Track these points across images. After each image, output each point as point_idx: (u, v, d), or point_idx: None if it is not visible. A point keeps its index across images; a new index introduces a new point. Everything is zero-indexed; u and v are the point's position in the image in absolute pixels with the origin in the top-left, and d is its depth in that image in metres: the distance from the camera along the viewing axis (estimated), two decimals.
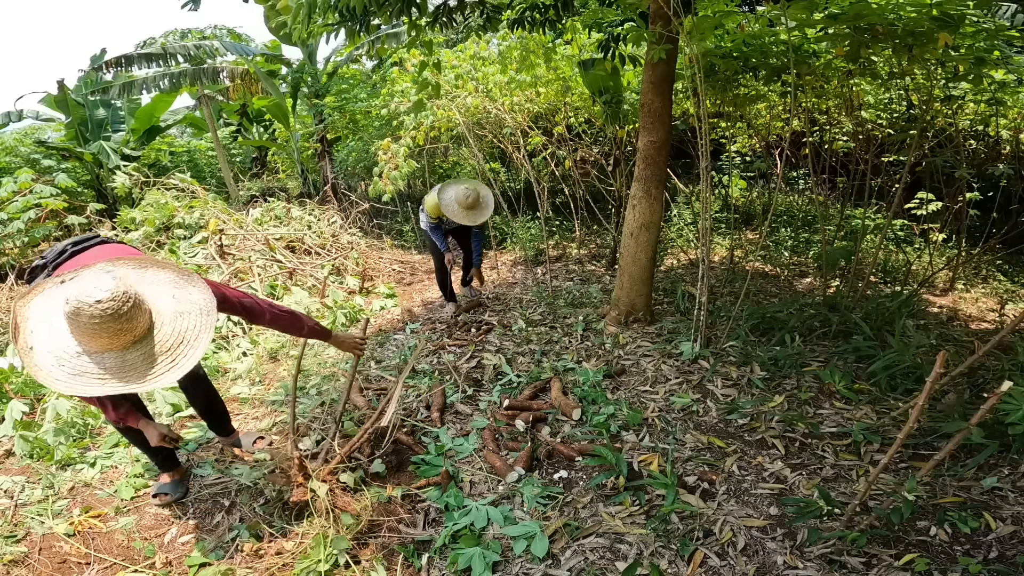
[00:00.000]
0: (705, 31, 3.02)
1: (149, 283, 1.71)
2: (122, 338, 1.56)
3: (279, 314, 2.16)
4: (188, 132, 12.77)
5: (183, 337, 1.65)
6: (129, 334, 1.57)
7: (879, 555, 1.87)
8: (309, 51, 8.73)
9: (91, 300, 1.49)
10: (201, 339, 1.67)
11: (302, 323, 2.22)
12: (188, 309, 1.70)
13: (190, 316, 1.69)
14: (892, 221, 5.31)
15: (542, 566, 1.92)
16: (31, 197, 5.68)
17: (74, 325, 1.53)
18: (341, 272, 5.51)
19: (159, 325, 1.64)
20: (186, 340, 1.66)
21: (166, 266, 1.78)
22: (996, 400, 1.65)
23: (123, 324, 1.54)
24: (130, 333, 1.57)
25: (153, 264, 1.77)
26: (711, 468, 2.41)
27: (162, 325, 1.64)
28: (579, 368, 3.35)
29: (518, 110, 5.49)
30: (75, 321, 1.51)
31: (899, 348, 3.03)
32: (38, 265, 2.05)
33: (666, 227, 6.44)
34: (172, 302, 1.70)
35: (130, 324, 1.55)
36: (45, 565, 1.99)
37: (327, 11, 3.06)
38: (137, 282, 1.68)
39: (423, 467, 2.48)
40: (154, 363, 1.60)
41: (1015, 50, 3.20)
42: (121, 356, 1.57)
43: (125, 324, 1.54)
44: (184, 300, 1.71)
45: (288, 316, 2.19)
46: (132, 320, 1.56)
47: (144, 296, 1.63)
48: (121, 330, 1.54)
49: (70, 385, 1.54)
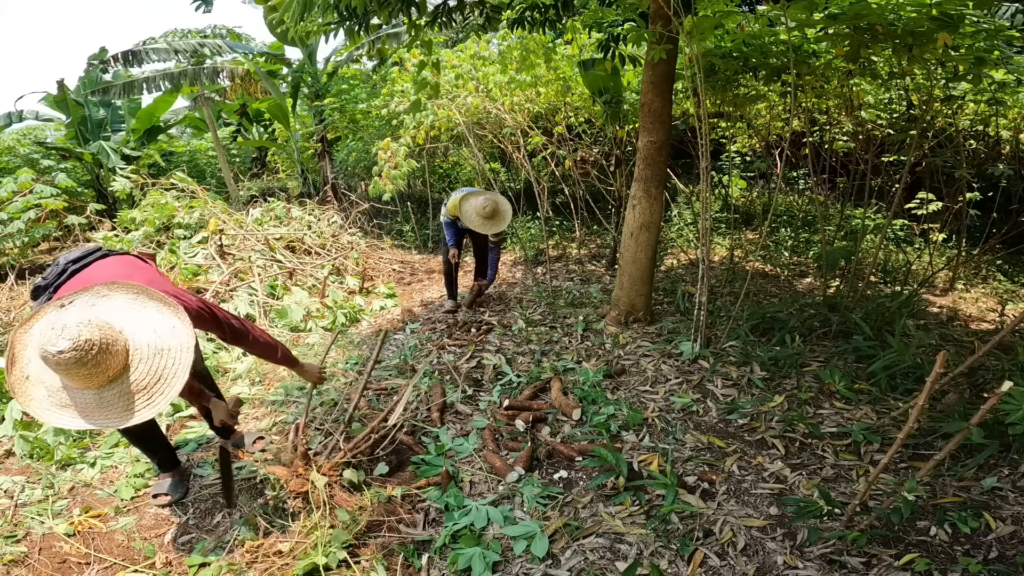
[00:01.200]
0: (705, 31, 3.02)
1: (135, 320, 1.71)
2: (95, 379, 1.58)
3: (260, 339, 2.21)
4: (188, 132, 12.77)
5: (160, 375, 1.67)
6: (100, 376, 1.58)
7: (879, 555, 1.87)
8: (309, 51, 8.73)
9: (54, 350, 1.51)
10: (179, 376, 1.68)
11: (277, 351, 2.29)
12: (169, 345, 1.70)
13: (170, 353, 1.70)
14: (892, 221, 5.31)
15: (542, 566, 1.92)
16: (31, 197, 5.69)
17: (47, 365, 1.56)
18: (341, 272, 5.50)
19: (136, 363, 1.65)
20: (163, 378, 1.67)
21: (154, 296, 1.77)
22: (996, 400, 1.65)
23: (90, 369, 1.55)
24: (101, 375, 1.59)
25: (144, 294, 1.77)
26: (711, 468, 2.41)
27: (139, 363, 1.66)
28: (579, 368, 3.35)
29: (518, 110, 5.49)
30: (46, 364, 1.55)
31: (899, 348, 3.03)
32: (40, 286, 2.07)
33: (666, 227, 6.44)
34: (153, 337, 1.70)
35: (98, 368, 1.57)
36: (45, 565, 1.99)
37: (327, 10, 3.05)
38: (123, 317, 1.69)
39: (423, 467, 2.48)
40: (132, 400, 1.63)
41: (1015, 50, 3.20)
42: (98, 394, 1.61)
43: (93, 369, 1.56)
44: (165, 336, 1.72)
45: (268, 343, 2.24)
46: (99, 365, 1.56)
47: (119, 336, 1.64)
48: (90, 374, 1.56)
49: (59, 417, 1.59)
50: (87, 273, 2.01)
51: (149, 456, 2.40)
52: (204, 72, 7.74)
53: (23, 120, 9.37)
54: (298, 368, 2.45)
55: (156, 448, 2.37)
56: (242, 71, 7.78)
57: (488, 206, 4.05)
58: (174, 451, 2.48)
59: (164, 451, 2.40)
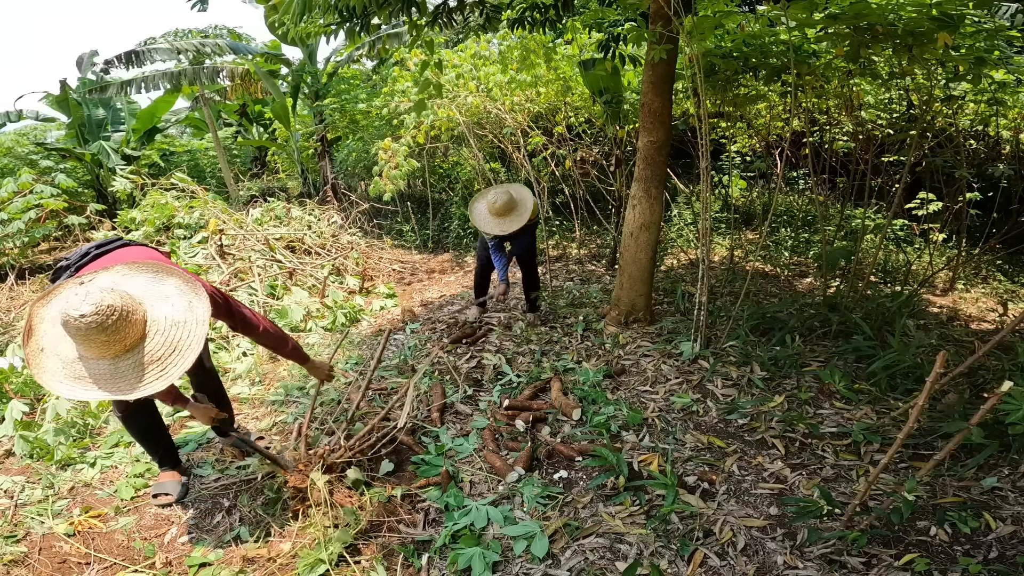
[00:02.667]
0: (705, 31, 3.02)
1: (154, 294, 1.77)
2: (111, 348, 1.62)
3: (271, 330, 2.26)
4: (188, 132, 12.77)
5: (175, 346, 1.71)
6: (118, 344, 1.62)
7: (879, 555, 1.87)
8: (309, 51, 8.73)
9: (76, 313, 1.55)
10: (192, 348, 1.72)
11: (288, 342, 2.33)
12: (185, 319, 1.75)
13: (185, 326, 1.74)
14: (892, 221, 5.31)
15: (542, 566, 1.92)
16: (31, 197, 5.69)
17: (67, 333, 1.61)
18: (341, 272, 5.50)
19: (152, 334, 1.70)
20: (178, 349, 1.71)
21: (175, 273, 1.84)
22: (996, 400, 1.65)
23: (109, 336, 1.59)
24: (119, 344, 1.63)
25: (165, 272, 1.83)
26: (711, 468, 2.41)
27: (155, 334, 1.70)
28: (579, 368, 3.35)
29: (518, 110, 5.49)
30: (66, 330, 1.59)
31: (899, 348, 3.03)
32: (62, 266, 2.10)
33: (666, 227, 6.44)
34: (171, 311, 1.75)
35: (117, 336, 1.61)
36: (45, 565, 1.99)
37: (327, 11, 3.05)
38: (140, 291, 1.74)
39: (423, 467, 2.48)
40: (144, 372, 1.66)
41: (1015, 50, 3.20)
42: (113, 364, 1.64)
43: (112, 336, 1.60)
44: (182, 309, 1.76)
45: (279, 335, 2.30)
46: (119, 332, 1.61)
47: (139, 307, 1.69)
48: (108, 341, 1.60)
49: (71, 388, 1.62)
50: (109, 257, 2.05)
51: (150, 453, 2.41)
52: (204, 72, 7.73)
53: (22, 120, 9.36)
54: (308, 364, 2.47)
55: (158, 446, 2.37)
56: (242, 71, 7.78)
57: (499, 200, 3.57)
58: (176, 450, 2.48)
59: (166, 449, 2.40)
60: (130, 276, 1.79)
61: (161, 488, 2.35)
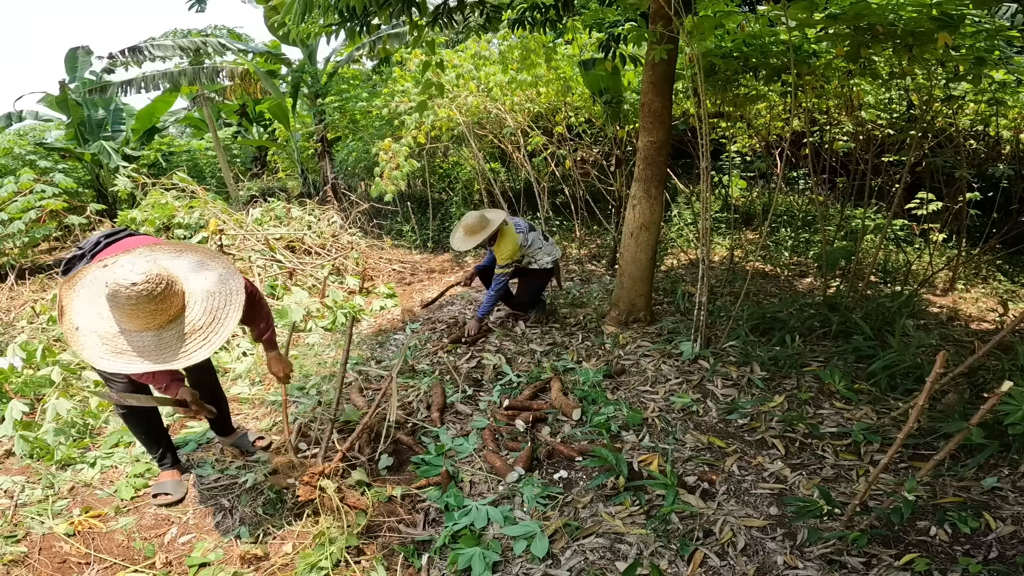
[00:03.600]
0: (705, 31, 3.02)
1: (183, 267, 1.83)
2: (158, 318, 1.66)
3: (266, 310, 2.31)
4: (188, 132, 12.77)
5: (214, 315, 1.77)
6: (164, 314, 1.67)
7: (879, 555, 1.87)
8: (309, 51, 8.73)
9: (127, 283, 1.59)
10: (231, 316, 1.78)
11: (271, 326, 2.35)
12: (218, 289, 1.81)
13: (220, 296, 1.81)
14: (892, 221, 5.31)
15: (542, 566, 1.92)
16: (31, 197, 5.69)
17: (113, 306, 1.63)
18: (341, 272, 5.51)
19: (191, 305, 1.75)
20: (217, 318, 1.77)
21: (198, 250, 1.91)
22: (996, 400, 1.65)
23: (157, 305, 1.64)
24: (164, 314, 1.67)
25: (187, 249, 1.89)
26: (711, 468, 2.41)
27: (194, 304, 1.75)
28: (579, 368, 3.35)
29: (518, 110, 5.49)
30: (114, 302, 1.62)
31: (899, 348, 3.03)
32: (76, 255, 2.13)
33: (666, 227, 6.44)
34: (203, 282, 1.81)
35: (164, 304, 1.66)
36: (45, 565, 1.99)
37: (327, 11, 3.06)
38: (171, 265, 1.80)
39: (423, 467, 2.48)
40: (186, 341, 1.70)
41: (1015, 50, 3.20)
42: (157, 335, 1.68)
43: (160, 305, 1.65)
44: (213, 280, 1.83)
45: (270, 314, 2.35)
46: (166, 301, 1.66)
47: (177, 278, 1.74)
48: (156, 311, 1.65)
49: (113, 363, 1.64)
50: (121, 243, 2.09)
51: (151, 452, 2.41)
52: (204, 72, 7.74)
53: (23, 120, 9.37)
54: (273, 353, 2.38)
55: (159, 444, 2.38)
56: (242, 71, 7.78)
57: (470, 220, 3.78)
58: (175, 450, 2.48)
59: (166, 448, 2.41)
60: (155, 254, 1.83)
61: (161, 488, 2.35)
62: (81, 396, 3.13)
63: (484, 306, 3.90)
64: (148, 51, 7.30)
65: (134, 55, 7.28)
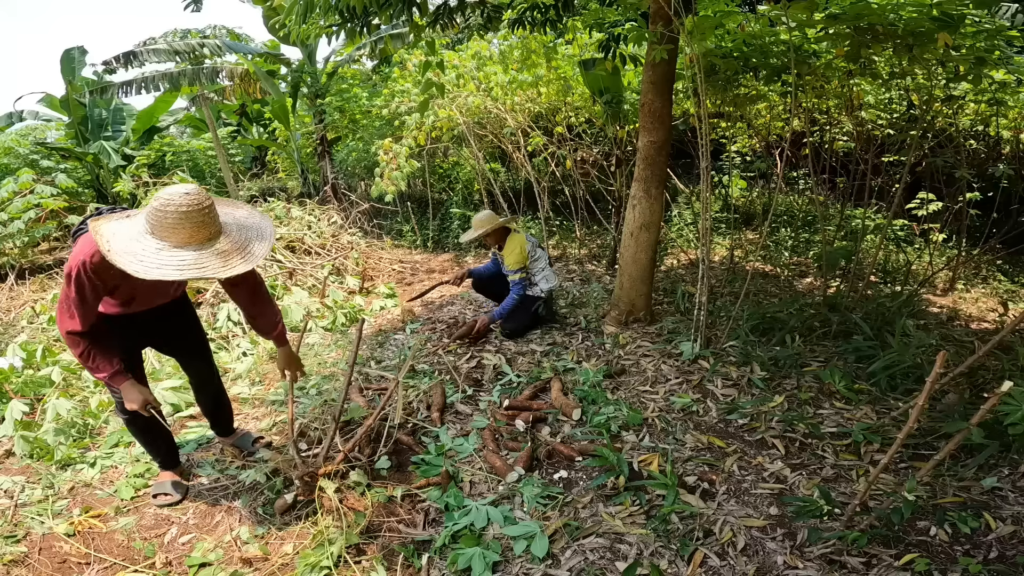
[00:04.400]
0: (706, 31, 3.02)
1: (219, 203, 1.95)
2: (202, 231, 1.76)
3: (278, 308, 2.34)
4: (188, 132, 12.76)
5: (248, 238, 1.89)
6: (207, 228, 1.77)
7: (879, 555, 1.87)
8: (309, 51, 8.72)
9: (179, 192, 1.73)
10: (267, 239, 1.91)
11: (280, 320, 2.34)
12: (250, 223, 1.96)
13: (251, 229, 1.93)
14: (892, 221, 5.31)
15: (542, 566, 1.92)
16: (31, 197, 5.69)
17: (160, 220, 1.72)
18: (341, 272, 5.50)
19: (227, 231, 1.86)
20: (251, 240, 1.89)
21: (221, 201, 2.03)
22: (996, 400, 1.65)
23: (204, 217, 1.75)
24: (208, 228, 1.77)
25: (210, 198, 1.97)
26: (711, 468, 2.41)
27: (230, 232, 1.87)
28: (579, 368, 3.35)
29: (519, 110, 5.49)
30: (162, 214, 1.71)
31: (899, 348, 3.03)
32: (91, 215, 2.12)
33: (666, 227, 6.44)
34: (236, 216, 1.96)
35: (209, 218, 1.77)
36: (45, 565, 1.99)
37: (328, 12, 3.06)
38: None
39: (423, 467, 2.48)
40: (229, 257, 1.81)
41: (1015, 50, 3.20)
42: (198, 251, 1.77)
43: (206, 217, 1.76)
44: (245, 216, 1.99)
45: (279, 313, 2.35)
46: (211, 215, 1.78)
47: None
48: (203, 223, 1.75)
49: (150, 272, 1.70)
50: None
51: (151, 454, 2.40)
52: (204, 72, 7.73)
53: (23, 120, 9.37)
54: (284, 348, 2.36)
55: (159, 444, 2.36)
56: (241, 71, 7.78)
57: (480, 215, 3.99)
58: (177, 450, 2.48)
59: (167, 448, 2.40)
60: None
61: (161, 488, 2.35)
62: (81, 396, 3.13)
63: (502, 308, 3.86)
64: (144, 56, 7.30)
65: (130, 60, 7.28)
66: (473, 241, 4.18)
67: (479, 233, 3.91)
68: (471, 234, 3.99)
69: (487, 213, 3.99)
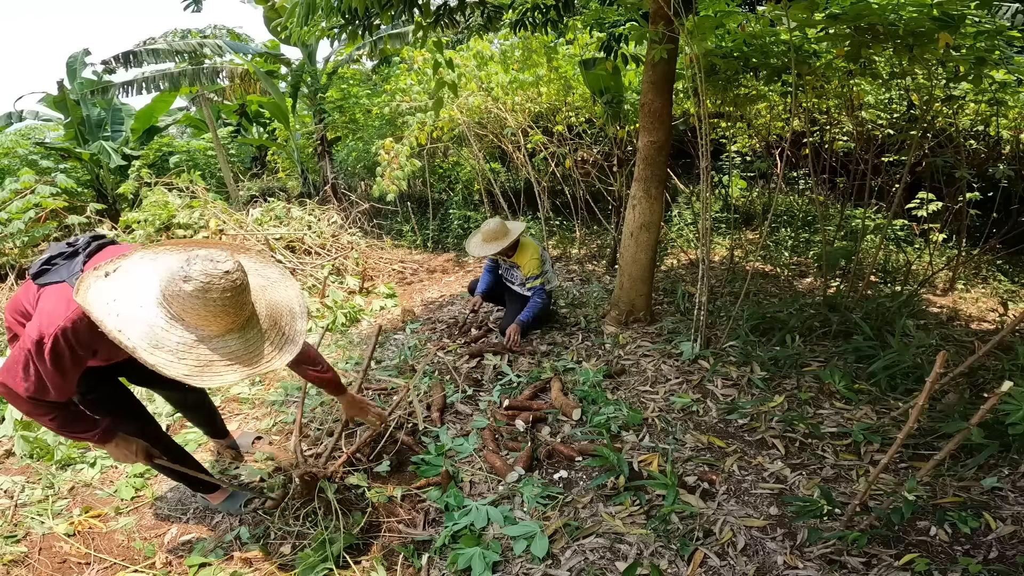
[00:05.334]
0: (706, 31, 3.02)
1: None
2: (242, 312, 1.45)
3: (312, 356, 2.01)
4: (188, 132, 12.76)
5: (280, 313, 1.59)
6: (247, 308, 1.47)
7: (879, 555, 1.87)
8: (309, 51, 8.73)
9: (221, 271, 1.37)
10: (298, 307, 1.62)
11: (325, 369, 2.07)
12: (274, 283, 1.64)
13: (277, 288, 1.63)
14: (892, 221, 5.31)
15: (542, 566, 1.92)
16: (31, 197, 5.68)
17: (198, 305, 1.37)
18: (341, 272, 5.50)
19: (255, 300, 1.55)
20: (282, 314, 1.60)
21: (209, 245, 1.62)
22: (996, 400, 1.65)
23: (245, 296, 1.44)
24: (248, 307, 1.47)
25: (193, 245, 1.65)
26: (711, 468, 2.41)
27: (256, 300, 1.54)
28: (579, 368, 3.35)
29: (519, 110, 5.49)
30: (203, 299, 1.36)
31: (899, 348, 3.03)
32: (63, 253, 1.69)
33: (666, 227, 6.44)
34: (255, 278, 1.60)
35: (246, 296, 1.46)
36: (45, 565, 1.99)
37: (330, 13, 3.06)
38: None
39: (423, 467, 2.48)
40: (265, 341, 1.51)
41: (1016, 50, 3.20)
42: (242, 336, 1.46)
43: (247, 296, 1.46)
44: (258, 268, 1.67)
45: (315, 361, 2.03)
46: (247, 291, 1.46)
47: None
48: (244, 303, 1.44)
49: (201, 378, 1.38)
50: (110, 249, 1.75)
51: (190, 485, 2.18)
52: (204, 72, 7.74)
53: (23, 120, 9.37)
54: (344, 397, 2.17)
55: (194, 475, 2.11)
56: (241, 71, 7.78)
57: (491, 225, 3.70)
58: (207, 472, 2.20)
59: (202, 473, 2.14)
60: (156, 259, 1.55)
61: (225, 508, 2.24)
62: None
63: (529, 315, 3.73)
64: (144, 56, 7.30)
65: (129, 60, 7.28)
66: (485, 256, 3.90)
67: (500, 248, 3.66)
68: (487, 249, 3.70)
69: (499, 223, 3.70)
